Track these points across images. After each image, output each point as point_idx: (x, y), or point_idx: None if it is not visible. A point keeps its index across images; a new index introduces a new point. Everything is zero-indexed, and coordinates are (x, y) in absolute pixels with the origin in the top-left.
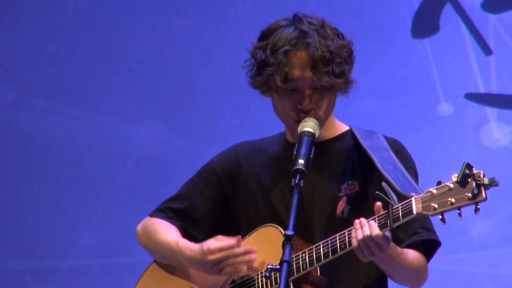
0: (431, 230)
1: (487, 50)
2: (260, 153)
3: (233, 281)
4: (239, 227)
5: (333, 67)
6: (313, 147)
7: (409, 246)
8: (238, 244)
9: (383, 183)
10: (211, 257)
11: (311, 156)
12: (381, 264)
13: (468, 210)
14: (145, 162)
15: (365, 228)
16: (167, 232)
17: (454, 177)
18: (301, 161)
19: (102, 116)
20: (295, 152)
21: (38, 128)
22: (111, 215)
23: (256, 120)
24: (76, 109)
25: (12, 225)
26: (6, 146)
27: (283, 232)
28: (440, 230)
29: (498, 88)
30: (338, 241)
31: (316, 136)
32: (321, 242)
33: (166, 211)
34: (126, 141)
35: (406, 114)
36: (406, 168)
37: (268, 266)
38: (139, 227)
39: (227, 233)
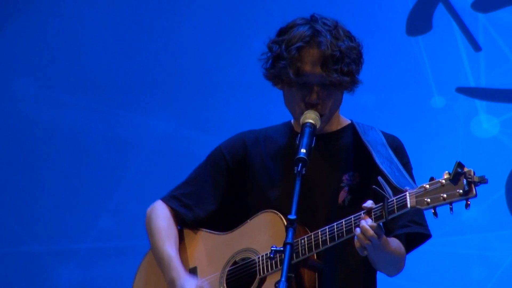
0: (419, 223)
1: (476, 47)
2: (266, 141)
3: (235, 262)
4: (245, 210)
5: (342, 66)
6: (314, 138)
7: (394, 236)
8: None
9: (379, 177)
10: None
11: (313, 145)
12: (371, 250)
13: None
14: (157, 151)
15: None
16: (166, 240)
17: (446, 174)
18: (303, 150)
19: (118, 109)
20: (297, 142)
21: (58, 120)
22: (126, 201)
23: (261, 112)
24: (94, 102)
25: (35, 210)
26: (29, 137)
27: (282, 218)
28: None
29: (487, 82)
30: (336, 229)
31: (317, 127)
32: (319, 230)
33: (179, 199)
34: (140, 132)
35: (401, 107)
36: (403, 164)
37: (272, 248)
38: (149, 211)
39: (232, 216)
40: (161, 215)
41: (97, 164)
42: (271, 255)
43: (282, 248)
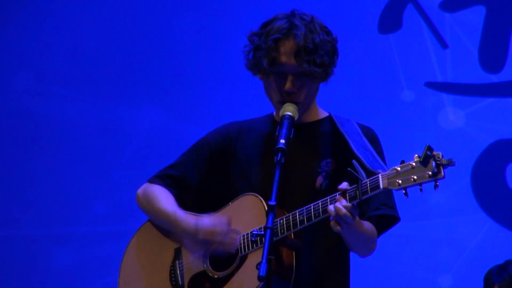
0: (391, 206)
1: (443, 44)
2: (249, 131)
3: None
4: (228, 194)
5: (315, 57)
6: (293, 129)
7: (367, 219)
8: (228, 227)
9: (353, 160)
10: (201, 236)
11: (291, 136)
12: (345, 229)
13: (427, 183)
14: (147, 141)
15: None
16: (166, 201)
17: (416, 157)
18: (282, 141)
19: (110, 101)
20: (277, 133)
21: (54, 112)
22: (119, 187)
23: (244, 104)
24: (88, 95)
25: (32, 196)
26: (27, 128)
27: (262, 200)
28: (402, 200)
29: (453, 77)
30: (312, 209)
31: (295, 119)
32: (297, 211)
33: (164, 178)
34: (131, 123)
35: (374, 100)
36: (377, 152)
37: (253, 232)
38: (140, 191)
39: (216, 200)
40: (155, 189)
41: (91, 153)
42: (253, 238)
43: (262, 232)
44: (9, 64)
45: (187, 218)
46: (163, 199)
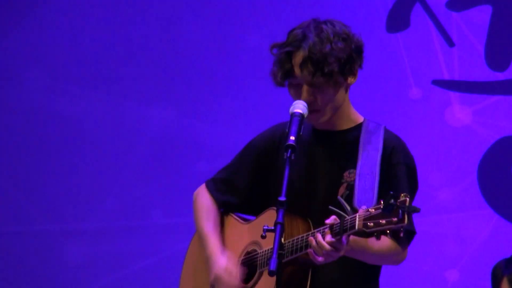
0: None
1: (450, 43)
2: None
3: (247, 253)
4: (270, 199)
5: (323, 67)
6: (302, 126)
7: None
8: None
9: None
10: (211, 275)
11: (301, 133)
12: (349, 255)
13: (435, 179)
14: (158, 138)
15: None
16: (205, 220)
17: (381, 203)
18: (292, 138)
19: (122, 99)
20: (287, 130)
21: (67, 109)
22: (131, 184)
23: (254, 102)
24: (99, 92)
25: (45, 192)
26: (38, 125)
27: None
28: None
29: (460, 75)
30: (298, 242)
31: (305, 116)
32: (287, 241)
33: (216, 182)
34: (142, 121)
35: (382, 98)
36: (391, 165)
37: (264, 228)
38: (195, 194)
39: (262, 203)
40: (203, 196)
41: (103, 149)
42: (263, 234)
43: (273, 228)
44: (21, 62)
45: (215, 248)
46: (204, 215)
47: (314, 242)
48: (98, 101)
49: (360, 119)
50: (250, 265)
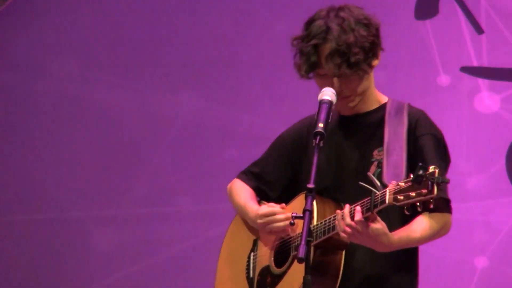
0: (442, 189)
1: (479, 29)
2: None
3: (282, 238)
4: (301, 189)
5: (349, 58)
6: (331, 113)
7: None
8: (281, 211)
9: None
10: (259, 220)
11: (329, 120)
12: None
13: (463, 166)
14: (186, 125)
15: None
16: (240, 195)
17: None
18: (320, 125)
19: (150, 86)
20: (315, 117)
21: (96, 97)
22: (159, 171)
23: (283, 90)
24: (129, 80)
25: (74, 179)
26: (68, 113)
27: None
28: None
29: (489, 62)
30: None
31: (334, 103)
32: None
33: (247, 174)
34: (171, 109)
35: (410, 85)
36: (416, 137)
37: (292, 215)
38: (228, 186)
39: (295, 193)
40: (236, 185)
41: (132, 137)
42: (292, 222)
43: (302, 215)
44: (51, 49)
45: (253, 207)
46: (239, 192)
47: (339, 215)
48: (127, 89)
49: (384, 99)
50: (285, 249)
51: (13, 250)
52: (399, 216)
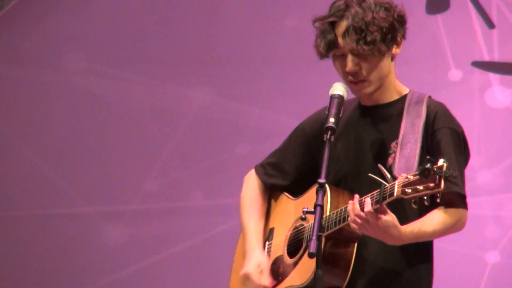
0: (456, 183)
1: (490, 24)
2: (342, 114)
3: (295, 227)
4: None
5: (366, 35)
6: (342, 107)
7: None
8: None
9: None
10: (244, 279)
11: (340, 115)
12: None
13: (475, 161)
14: (197, 120)
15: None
16: (249, 217)
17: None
18: (332, 120)
19: (161, 81)
20: (326, 112)
21: (107, 92)
22: (169, 166)
23: (295, 84)
24: (139, 75)
25: (84, 175)
26: (78, 107)
27: (329, 188)
28: None
29: (500, 57)
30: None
31: (345, 98)
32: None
33: (265, 166)
34: (181, 102)
35: (421, 79)
36: (433, 131)
37: (304, 210)
38: (244, 179)
39: (314, 181)
40: (249, 186)
41: (143, 132)
42: (303, 216)
43: (313, 210)
44: (61, 44)
45: (254, 246)
46: (247, 208)
47: (350, 206)
48: (139, 84)
49: (405, 90)
50: (298, 239)
51: (24, 245)
52: (417, 210)
